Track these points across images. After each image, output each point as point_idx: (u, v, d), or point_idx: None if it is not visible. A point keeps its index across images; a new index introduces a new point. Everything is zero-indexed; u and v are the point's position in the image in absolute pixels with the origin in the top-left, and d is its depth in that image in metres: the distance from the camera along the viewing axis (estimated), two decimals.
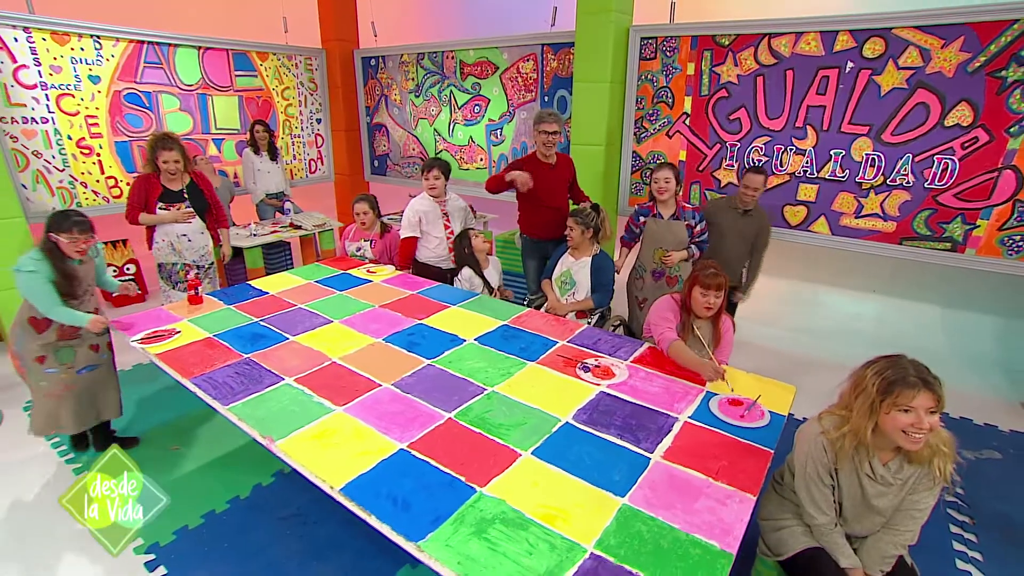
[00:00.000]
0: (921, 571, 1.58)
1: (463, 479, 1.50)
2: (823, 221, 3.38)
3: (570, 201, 3.43)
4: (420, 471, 1.54)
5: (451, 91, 4.94)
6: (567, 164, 3.40)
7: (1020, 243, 2.91)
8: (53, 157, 3.76)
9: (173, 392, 3.22)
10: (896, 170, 3.07)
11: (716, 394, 1.95)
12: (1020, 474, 2.62)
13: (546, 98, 4.40)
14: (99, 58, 3.88)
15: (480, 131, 4.88)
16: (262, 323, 2.51)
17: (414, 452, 1.61)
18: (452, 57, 4.82)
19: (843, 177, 3.23)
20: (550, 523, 1.35)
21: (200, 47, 4.41)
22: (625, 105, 3.96)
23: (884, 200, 3.14)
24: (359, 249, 3.47)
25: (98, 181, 4.01)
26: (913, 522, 1.47)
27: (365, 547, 2.12)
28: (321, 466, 1.55)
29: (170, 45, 4.23)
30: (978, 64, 2.79)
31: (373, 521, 1.38)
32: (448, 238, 3.29)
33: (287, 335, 2.38)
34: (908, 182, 3.06)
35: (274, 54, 4.96)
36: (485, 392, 1.94)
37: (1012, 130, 2.79)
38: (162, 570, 2.01)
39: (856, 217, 3.27)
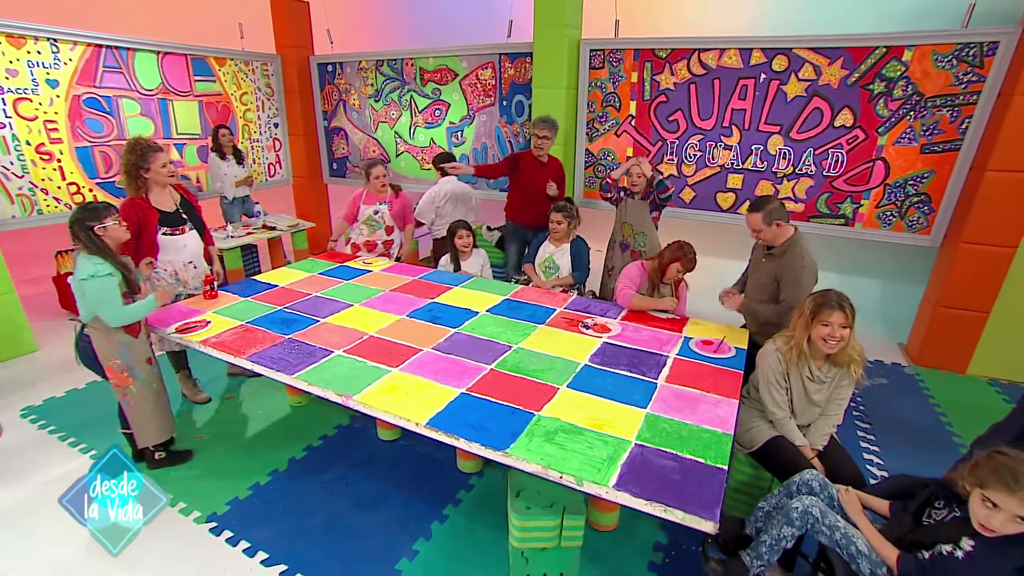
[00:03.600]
0: None
1: (521, 408, 1.89)
2: (748, 206, 4.08)
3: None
4: (484, 406, 1.90)
5: (411, 96, 5.22)
6: (556, 166, 3.89)
7: (891, 217, 3.75)
8: (11, 163, 3.63)
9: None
10: (802, 161, 3.82)
11: (691, 337, 2.48)
12: (899, 392, 3.42)
13: (504, 102, 4.82)
14: (56, 62, 3.79)
15: (441, 133, 5.20)
16: (287, 310, 2.72)
17: (473, 394, 1.98)
18: (412, 64, 5.11)
19: (763, 168, 3.94)
20: (599, 428, 1.78)
21: (159, 52, 4.38)
22: (578, 108, 4.48)
23: (794, 186, 3.89)
24: (377, 212, 3.67)
25: (59, 188, 3.90)
26: (839, 407, 2.06)
27: (408, 497, 2.43)
28: (401, 410, 1.87)
29: (129, 49, 4.18)
30: (854, 79, 3.57)
31: (461, 443, 1.74)
32: None
33: (316, 318, 2.62)
34: (811, 171, 3.82)
35: (231, 59, 4.98)
36: (512, 348, 2.34)
37: (880, 130, 3.60)
38: (228, 533, 2.20)
39: None
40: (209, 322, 2.55)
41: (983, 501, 1.32)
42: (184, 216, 2.79)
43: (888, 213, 3.74)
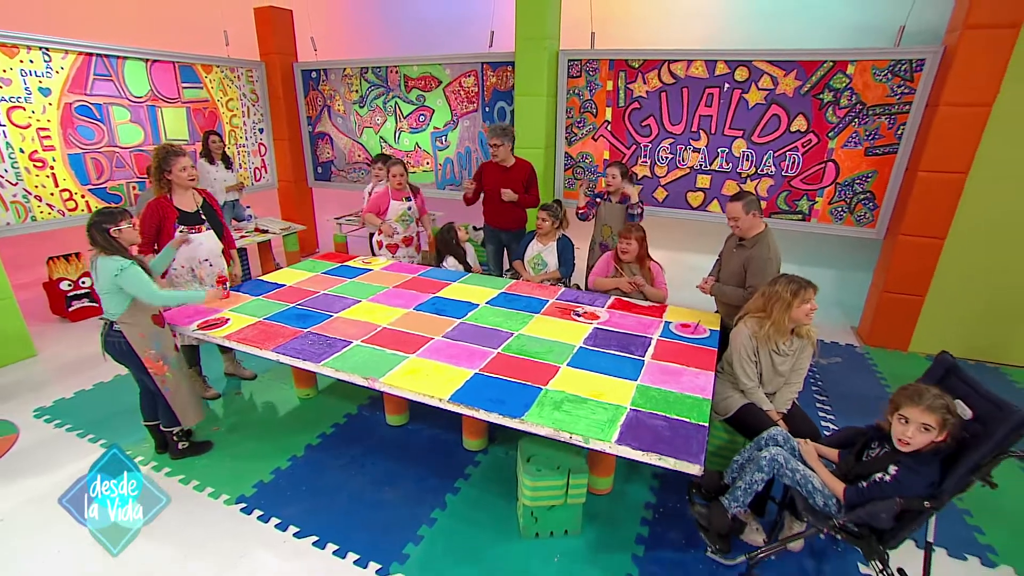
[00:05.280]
0: None
1: (530, 383, 2.15)
2: (716, 203, 4.46)
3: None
4: (497, 383, 2.16)
5: (396, 102, 5.42)
6: (522, 168, 4.03)
7: (842, 213, 4.17)
8: (5, 171, 3.67)
9: None
10: (763, 163, 4.21)
11: (671, 321, 2.80)
12: (852, 370, 3.83)
13: (487, 108, 5.07)
14: (48, 70, 3.84)
15: (426, 138, 5.42)
16: (300, 307, 2.91)
17: (486, 373, 2.23)
18: (396, 71, 5.31)
19: (728, 169, 4.32)
20: (599, 398, 2.06)
21: (148, 59, 4.45)
22: (557, 114, 4.77)
23: (757, 185, 4.28)
24: (410, 208, 3.84)
25: (52, 194, 3.94)
26: (799, 376, 2.40)
27: (421, 474, 2.65)
28: (424, 389, 2.11)
29: (118, 57, 4.24)
30: (806, 88, 3.98)
31: (481, 415, 1.99)
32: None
33: (329, 313, 2.82)
34: (772, 172, 4.21)
35: (218, 67, 5.07)
36: (514, 335, 2.60)
37: (831, 135, 4.01)
38: (258, 512, 2.38)
39: None
40: (228, 319, 2.72)
41: (898, 419, 1.71)
42: (203, 217, 2.95)
43: (839, 209, 4.16)
